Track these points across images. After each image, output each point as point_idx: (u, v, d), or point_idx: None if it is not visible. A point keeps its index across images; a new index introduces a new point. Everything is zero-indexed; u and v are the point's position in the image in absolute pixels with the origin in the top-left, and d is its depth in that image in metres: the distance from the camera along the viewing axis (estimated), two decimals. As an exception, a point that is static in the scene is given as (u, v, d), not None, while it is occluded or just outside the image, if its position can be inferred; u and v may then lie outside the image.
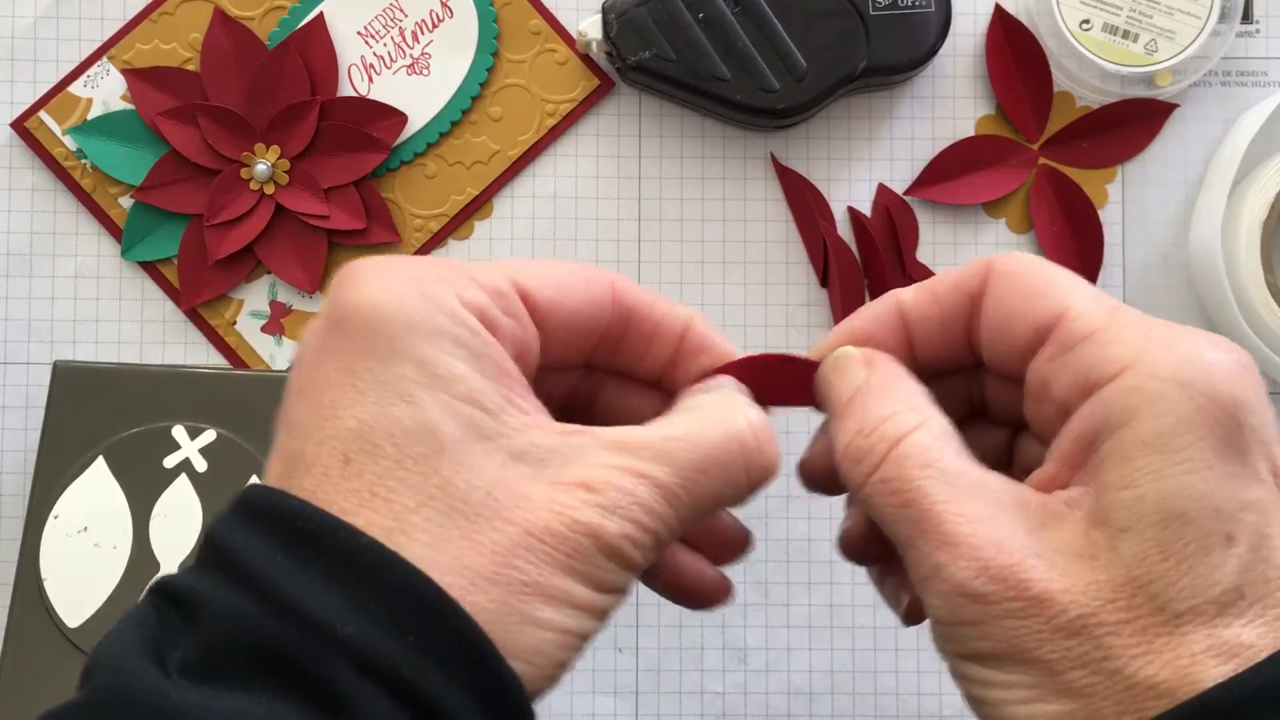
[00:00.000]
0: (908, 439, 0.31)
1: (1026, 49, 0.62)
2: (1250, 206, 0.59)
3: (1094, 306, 0.32)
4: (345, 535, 0.28)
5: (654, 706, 0.61)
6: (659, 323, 0.35)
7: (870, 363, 0.34)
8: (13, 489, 0.61)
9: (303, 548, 0.28)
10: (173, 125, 0.61)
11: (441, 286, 0.30)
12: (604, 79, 0.63)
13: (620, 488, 0.29)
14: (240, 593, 0.27)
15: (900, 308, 0.35)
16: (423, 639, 0.27)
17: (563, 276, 0.33)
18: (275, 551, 0.28)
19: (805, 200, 0.62)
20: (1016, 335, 0.33)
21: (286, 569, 0.27)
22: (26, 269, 0.62)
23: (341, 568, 0.27)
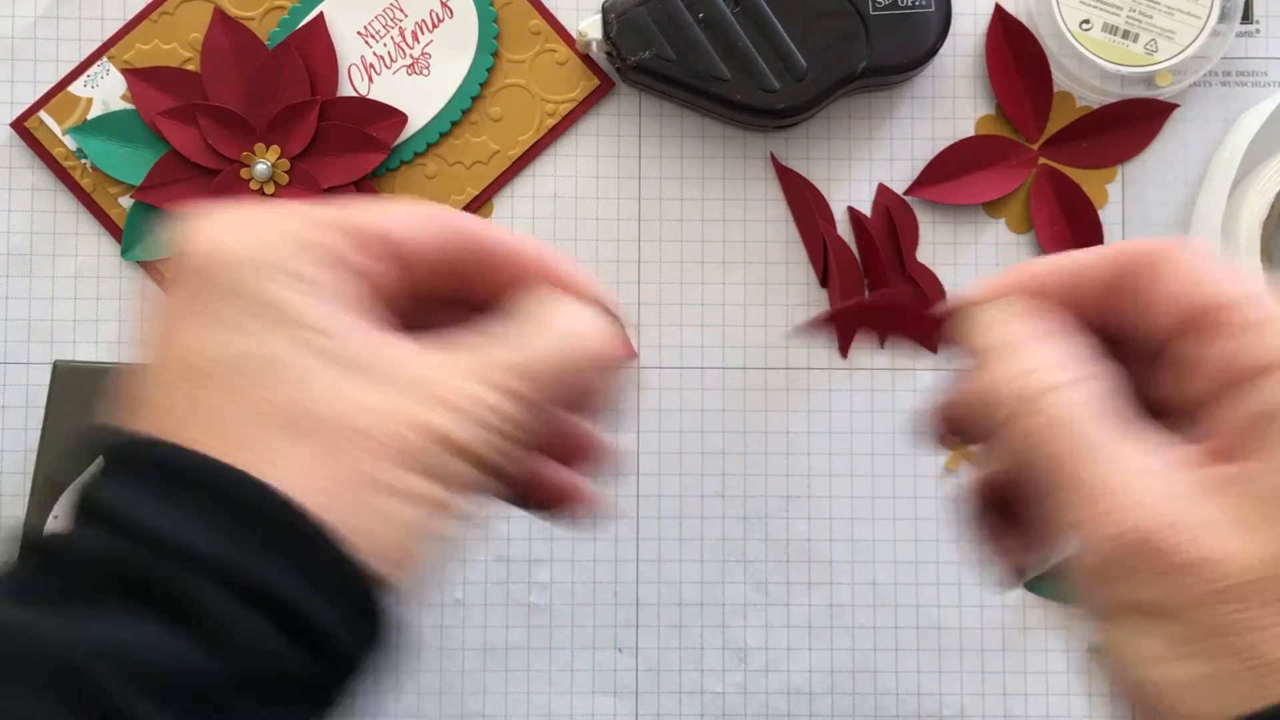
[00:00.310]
0: (1086, 385, 0.31)
1: (1026, 49, 0.62)
2: (1250, 206, 0.59)
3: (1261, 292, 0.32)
4: (177, 455, 0.29)
5: (654, 706, 0.61)
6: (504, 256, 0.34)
7: (1036, 314, 0.34)
8: (13, 489, 0.61)
9: (145, 476, 0.29)
10: (173, 125, 0.61)
11: (275, 227, 0.31)
12: (604, 79, 0.63)
13: (467, 393, 0.30)
14: (89, 523, 0.29)
15: (1067, 267, 0.35)
16: (259, 537, 0.28)
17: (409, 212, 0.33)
18: (123, 484, 0.29)
19: (805, 200, 0.62)
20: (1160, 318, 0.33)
21: (128, 495, 0.28)
22: (26, 269, 0.62)
23: (181, 487, 0.28)
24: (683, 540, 0.62)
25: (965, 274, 0.63)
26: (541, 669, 0.61)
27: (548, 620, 0.61)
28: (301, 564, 0.28)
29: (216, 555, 0.28)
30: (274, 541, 0.28)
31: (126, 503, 0.28)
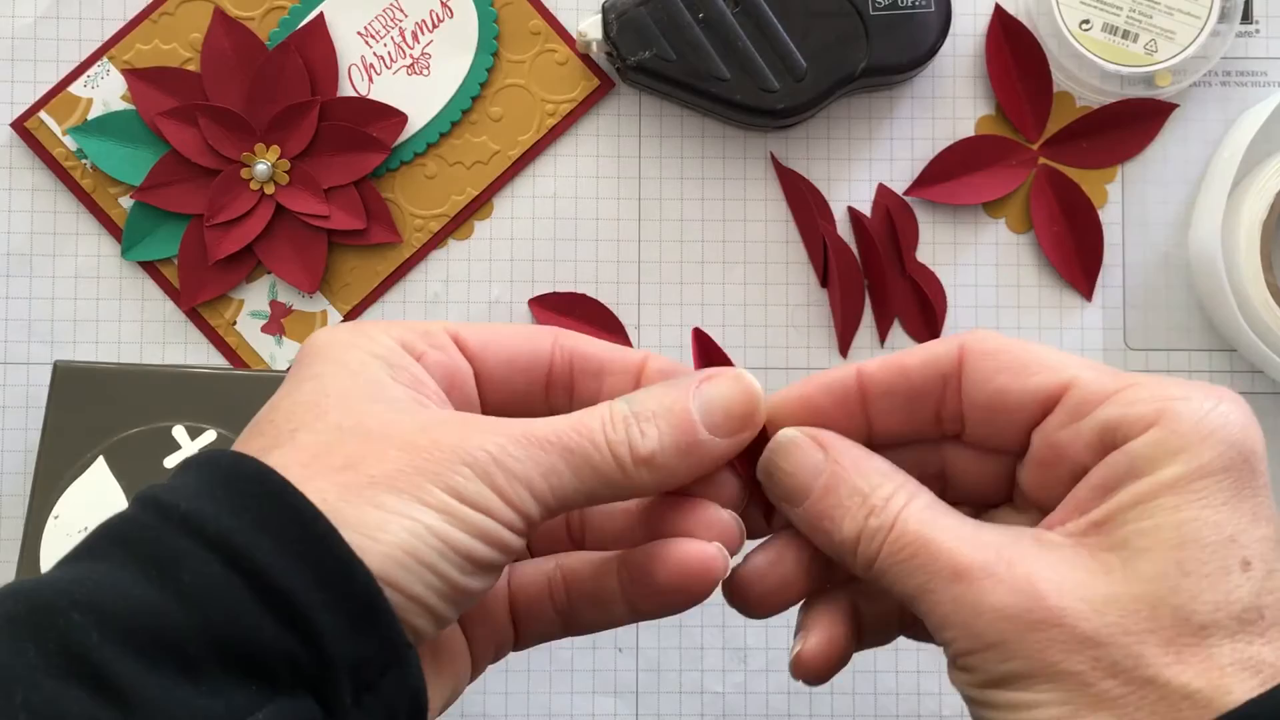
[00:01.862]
0: (909, 507, 0.33)
1: (1026, 49, 0.62)
2: (1250, 206, 0.59)
3: (1098, 373, 0.33)
4: (209, 453, 0.32)
5: (654, 706, 0.61)
6: (608, 359, 0.37)
7: (824, 445, 0.35)
8: (13, 489, 0.61)
9: (185, 469, 0.31)
10: (173, 125, 0.61)
11: (374, 327, 0.35)
12: (604, 79, 0.63)
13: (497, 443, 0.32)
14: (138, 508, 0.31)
15: (861, 380, 0.35)
16: (257, 515, 0.29)
17: (496, 324, 0.38)
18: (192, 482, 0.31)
19: (805, 200, 0.62)
20: (1015, 409, 0.34)
21: (166, 486, 0.31)
22: (26, 269, 0.62)
23: (204, 471, 0.31)
24: (683, 540, 0.62)
25: (965, 274, 0.63)
26: (541, 669, 0.61)
27: (548, 620, 0.61)
28: (292, 543, 0.29)
29: (204, 513, 0.29)
30: (268, 517, 0.29)
31: (152, 485, 0.31)
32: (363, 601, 0.29)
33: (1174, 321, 0.63)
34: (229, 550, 0.29)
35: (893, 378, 0.35)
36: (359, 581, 0.29)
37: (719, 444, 0.34)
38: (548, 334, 0.37)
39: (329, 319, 0.62)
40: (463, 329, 0.36)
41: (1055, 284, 0.63)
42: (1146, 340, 0.62)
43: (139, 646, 0.27)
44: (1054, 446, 0.33)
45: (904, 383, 0.35)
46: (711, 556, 0.35)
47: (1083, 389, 0.33)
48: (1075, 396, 0.33)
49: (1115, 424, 0.32)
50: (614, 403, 0.34)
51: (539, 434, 0.32)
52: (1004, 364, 0.34)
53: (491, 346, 0.36)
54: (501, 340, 0.36)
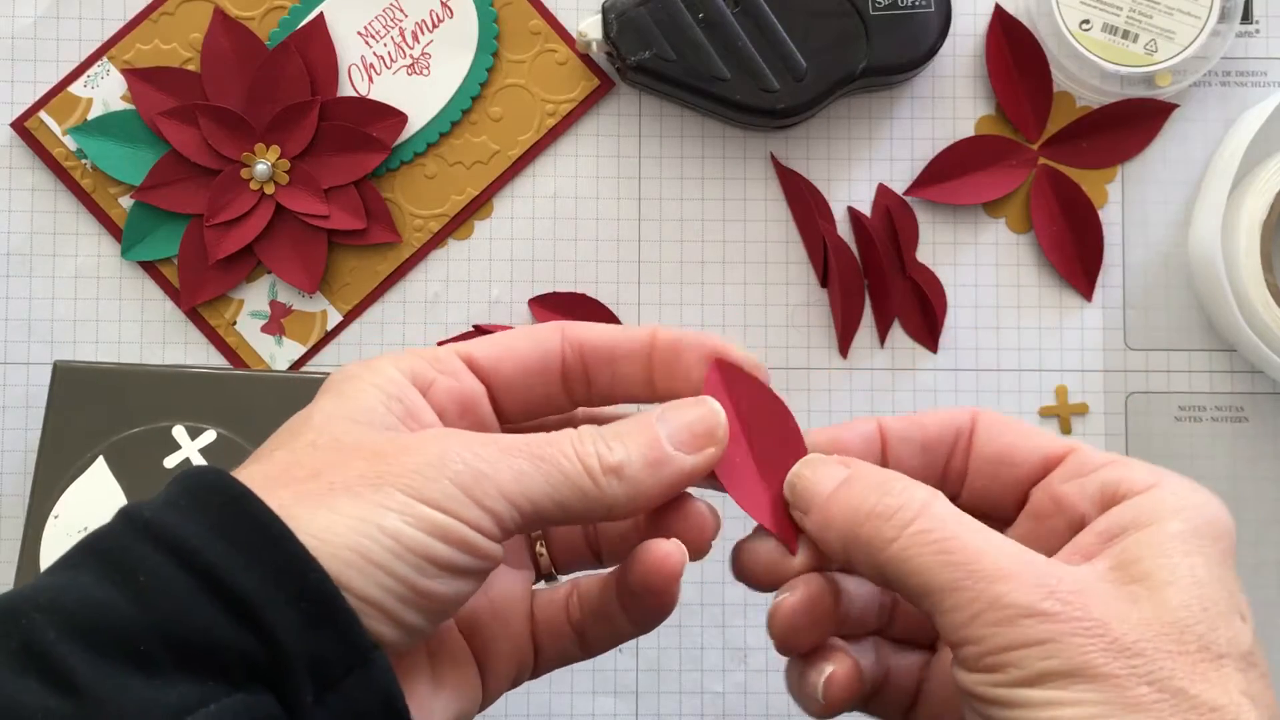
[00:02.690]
0: (935, 500, 0.34)
1: (1026, 49, 0.62)
2: (1250, 206, 0.59)
3: (1097, 448, 0.37)
4: (194, 469, 0.32)
5: (654, 706, 0.61)
6: (616, 343, 0.38)
7: (848, 462, 0.37)
8: (13, 489, 0.61)
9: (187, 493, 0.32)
10: (173, 125, 0.61)
11: (385, 360, 0.36)
12: (604, 79, 0.63)
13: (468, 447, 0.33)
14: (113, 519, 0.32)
15: (882, 428, 0.39)
16: (215, 520, 0.30)
17: (506, 335, 0.38)
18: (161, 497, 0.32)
19: (805, 200, 0.62)
20: (1020, 464, 0.37)
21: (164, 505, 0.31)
22: (26, 269, 0.62)
23: (178, 486, 0.32)
24: (683, 540, 0.62)
25: (965, 274, 0.63)
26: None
27: (548, 620, 0.61)
28: (247, 545, 0.30)
29: (165, 521, 0.30)
30: (225, 520, 0.30)
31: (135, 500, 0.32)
32: (316, 598, 0.30)
33: (1174, 321, 0.63)
34: (184, 552, 0.30)
35: (910, 428, 0.38)
36: (312, 579, 0.30)
37: (685, 459, 0.35)
38: (554, 331, 0.38)
39: (329, 319, 0.62)
40: (475, 349, 0.37)
41: (1055, 284, 0.63)
42: (1146, 340, 0.62)
43: (93, 643, 0.28)
44: (1056, 499, 0.36)
45: (920, 432, 0.38)
46: (667, 553, 0.36)
47: (1085, 454, 0.37)
48: (1078, 459, 0.37)
49: (1117, 481, 0.35)
50: (583, 427, 0.35)
51: (509, 441, 0.34)
52: (1012, 428, 0.38)
53: (504, 362, 0.37)
54: (513, 353, 0.37)
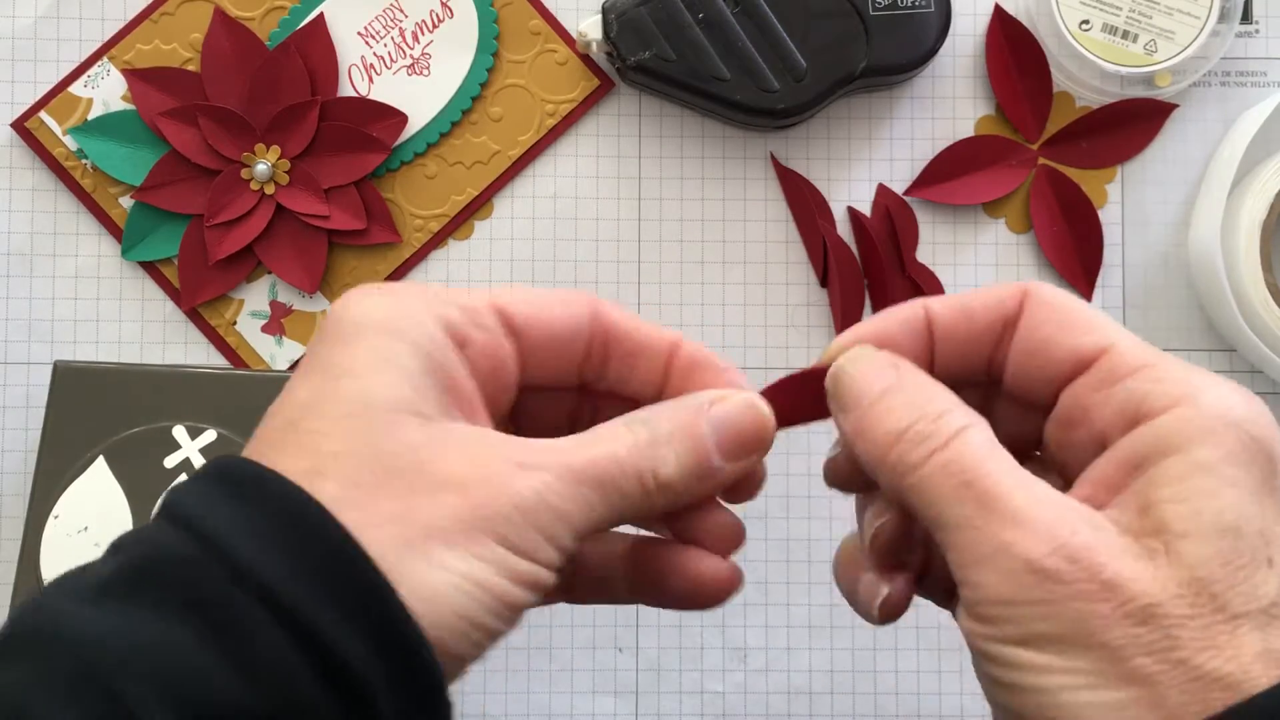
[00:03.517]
0: (968, 431, 0.32)
1: (1026, 49, 0.62)
2: (1250, 206, 0.59)
3: (1137, 345, 0.33)
4: (267, 477, 0.30)
5: (654, 706, 0.61)
6: (641, 342, 0.36)
7: (897, 365, 0.35)
8: (13, 489, 0.61)
9: (220, 484, 0.30)
10: (173, 125, 0.61)
11: (419, 303, 0.33)
12: (604, 79, 0.63)
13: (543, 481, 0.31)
14: (167, 526, 0.29)
15: (929, 316, 0.36)
16: (306, 562, 0.28)
17: (539, 295, 0.35)
18: (201, 491, 0.30)
19: (805, 200, 0.62)
20: (1055, 361, 0.34)
21: (205, 502, 0.29)
22: (27, 269, 0.62)
23: (254, 502, 0.29)
24: (683, 540, 0.62)
25: (965, 274, 0.63)
26: (541, 669, 0.61)
27: (548, 620, 0.61)
28: (358, 614, 0.28)
29: (267, 571, 0.28)
30: (335, 582, 0.28)
31: (203, 507, 0.29)
32: (426, 685, 0.29)
33: (1174, 321, 0.63)
34: (295, 623, 0.28)
35: (957, 319, 0.35)
36: (423, 658, 0.29)
37: (726, 470, 0.34)
38: (586, 306, 0.35)
39: (329, 319, 0.62)
40: (509, 304, 0.34)
41: (1055, 284, 0.63)
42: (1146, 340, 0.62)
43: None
44: (1081, 408, 0.33)
45: (967, 325, 0.35)
46: (729, 578, 0.35)
47: (1117, 356, 0.33)
48: (1109, 362, 0.33)
49: (1141, 396, 0.32)
50: (634, 426, 0.34)
51: (577, 467, 0.32)
52: (1054, 317, 0.34)
53: (535, 323, 0.35)
54: (545, 317, 0.35)
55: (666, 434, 0.33)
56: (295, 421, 0.31)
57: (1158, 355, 0.33)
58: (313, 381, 0.32)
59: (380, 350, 0.32)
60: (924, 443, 0.32)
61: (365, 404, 0.31)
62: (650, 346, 0.36)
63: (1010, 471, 0.31)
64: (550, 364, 0.35)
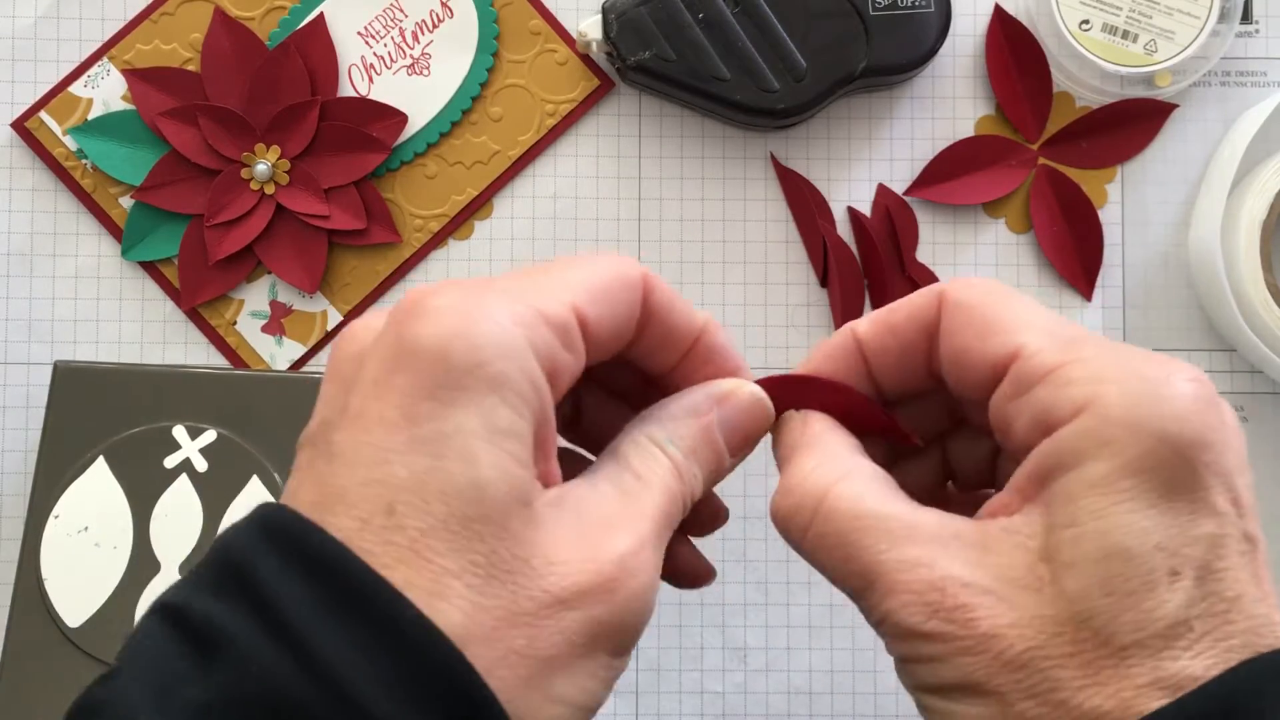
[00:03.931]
0: (834, 491, 0.32)
1: (1026, 49, 0.62)
2: (1250, 206, 0.59)
3: (1048, 342, 0.31)
4: (388, 598, 0.26)
5: (654, 706, 0.61)
6: (675, 326, 0.34)
7: (806, 421, 0.35)
8: (13, 489, 0.61)
9: (343, 602, 0.26)
10: (173, 125, 0.61)
11: (514, 329, 0.29)
12: (604, 79, 0.63)
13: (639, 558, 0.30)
14: (269, 640, 0.26)
15: (857, 342, 0.35)
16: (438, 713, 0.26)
17: (608, 286, 0.32)
18: (311, 599, 0.26)
19: (805, 200, 0.62)
20: (974, 372, 0.33)
21: (323, 623, 0.26)
22: (27, 269, 0.62)
23: (382, 635, 0.26)
24: (683, 540, 0.62)
25: (965, 274, 0.63)
26: (541, 669, 0.61)
27: (548, 620, 0.61)
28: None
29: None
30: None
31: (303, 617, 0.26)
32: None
33: (1174, 321, 0.63)
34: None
35: (883, 338, 0.35)
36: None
37: (731, 463, 0.35)
38: (640, 290, 0.33)
39: (329, 319, 0.62)
40: (587, 310, 0.31)
41: (1055, 284, 0.63)
42: (1146, 340, 0.62)
43: None
44: (1004, 419, 0.32)
45: (894, 341, 0.35)
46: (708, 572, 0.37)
47: (1026, 362, 0.31)
48: (1019, 369, 0.31)
49: (1048, 407, 0.30)
50: (671, 451, 0.33)
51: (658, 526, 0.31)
52: (967, 321, 0.33)
53: (604, 324, 0.32)
54: (611, 315, 0.32)
55: (690, 447, 0.33)
56: (394, 508, 0.27)
57: (1068, 352, 0.31)
58: (414, 458, 0.27)
59: (490, 415, 0.28)
60: (794, 519, 0.33)
61: (478, 501, 0.27)
62: (681, 329, 0.35)
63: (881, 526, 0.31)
64: (599, 356, 0.33)
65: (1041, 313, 0.33)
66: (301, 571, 0.27)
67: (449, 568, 0.27)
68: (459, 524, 0.27)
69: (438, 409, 0.28)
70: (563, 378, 0.31)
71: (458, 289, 0.30)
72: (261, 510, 0.28)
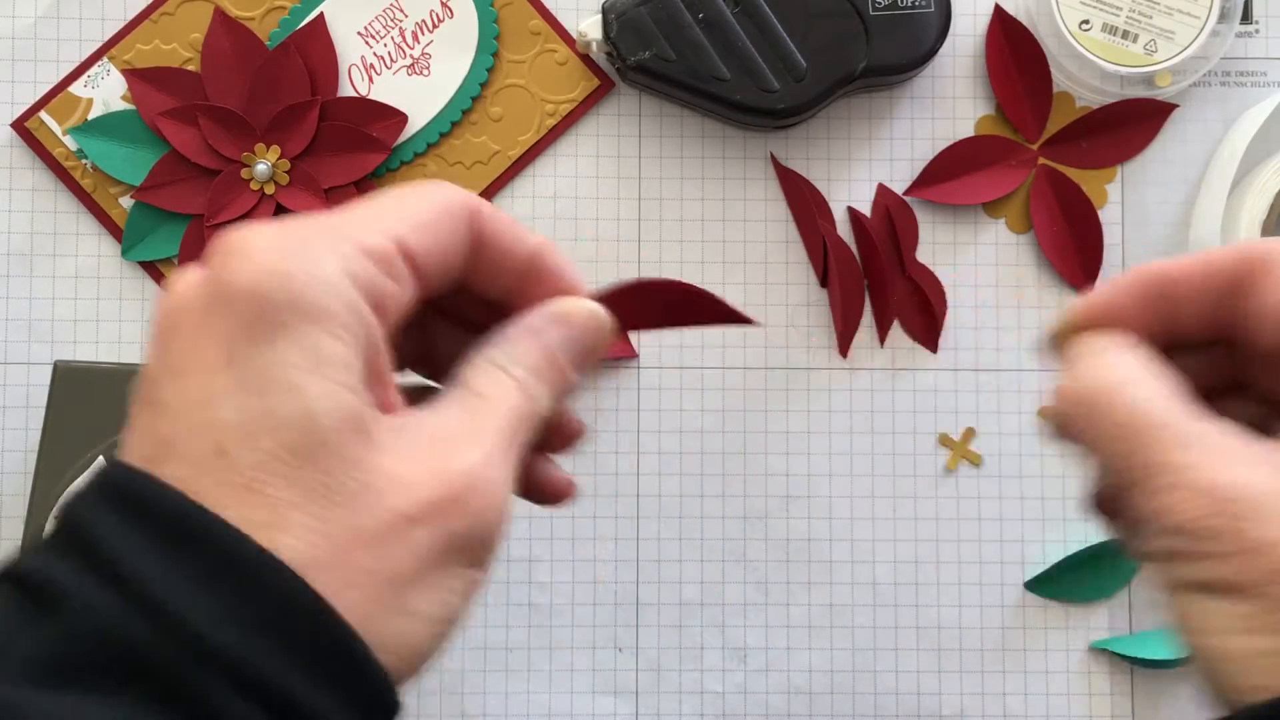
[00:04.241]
0: (1134, 381, 0.33)
1: (1026, 49, 0.62)
2: (1250, 206, 0.59)
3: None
4: (221, 534, 0.27)
5: (654, 706, 0.61)
6: (508, 250, 0.34)
7: (1105, 334, 0.35)
8: (13, 489, 0.61)
9: (177, 545, 0.26)
10: (173, 125, 0.61)
11: (330, 260, 0.29)
12: (604, 79, 0.63)
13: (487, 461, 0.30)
14: (106, 587, 0.26)
15: (1166, 277, 0.35)
16: (298, 649, 0.26)
17: (434, 217, 0.32)
18: (147, 546, 0.26)
19: (805, 200, 0.62)
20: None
21: (158, 566, 0.26)
22: (27, 269, 0.62)
23: (217, 570, 0.26)
24: (683, 540, 0.62)
25: (965, 274, 0.63)
26: (541, 669, 0.61)
27: (548, 620, 0.61)
28: (336, 682, 0.27)
29: (234, 652, 0.26)
30: (313, 654, 0.27)
31: (137, 564, 0.26)
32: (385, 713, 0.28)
33: (1174, 321, 0.63)
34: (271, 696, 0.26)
35: (1204, 277, 0.35)
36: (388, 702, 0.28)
37: (576, 381, 0.35)
38: (466, 219, 0.33)
39: (329, 319, 0.62)
40: (410, 240, 0.31)
41: (1055, 284, 0.63)
42: (1146, 340, 0.62)
43: None
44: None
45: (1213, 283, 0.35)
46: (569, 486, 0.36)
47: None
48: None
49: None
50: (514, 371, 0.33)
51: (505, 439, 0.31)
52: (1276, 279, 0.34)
53: (432, 254, 0.32)
54: (438, 246, 0.32)
55: (532, 369, 0.33)
56: (226, 450, 0.27)
57: None
58: (239, 397, 0.28)
59: (311, 346, 0.28)
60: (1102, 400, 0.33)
61: (309, 430, 0.27)
62: (516, 253, 0.34)
63: (1187, 424, 0.32)
64: (431, 287, 0.33)
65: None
66: (135, 521, 0.27)
67: (287, 499, 0.27)
68: (291, 455, 0.27)
69: (258, 347, 0.28)
70: (389, 306, 0.30)
71: (273, 228, 0.29)
72: (99, 470, 0.28)
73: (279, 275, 0.28)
